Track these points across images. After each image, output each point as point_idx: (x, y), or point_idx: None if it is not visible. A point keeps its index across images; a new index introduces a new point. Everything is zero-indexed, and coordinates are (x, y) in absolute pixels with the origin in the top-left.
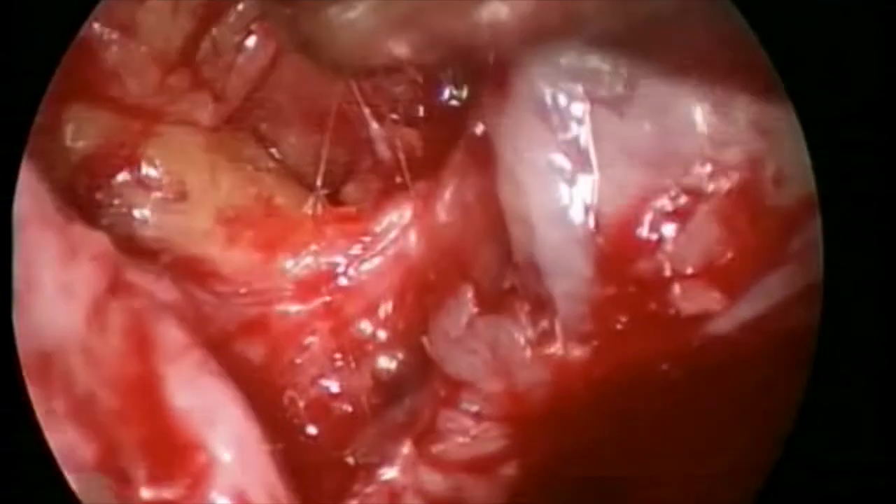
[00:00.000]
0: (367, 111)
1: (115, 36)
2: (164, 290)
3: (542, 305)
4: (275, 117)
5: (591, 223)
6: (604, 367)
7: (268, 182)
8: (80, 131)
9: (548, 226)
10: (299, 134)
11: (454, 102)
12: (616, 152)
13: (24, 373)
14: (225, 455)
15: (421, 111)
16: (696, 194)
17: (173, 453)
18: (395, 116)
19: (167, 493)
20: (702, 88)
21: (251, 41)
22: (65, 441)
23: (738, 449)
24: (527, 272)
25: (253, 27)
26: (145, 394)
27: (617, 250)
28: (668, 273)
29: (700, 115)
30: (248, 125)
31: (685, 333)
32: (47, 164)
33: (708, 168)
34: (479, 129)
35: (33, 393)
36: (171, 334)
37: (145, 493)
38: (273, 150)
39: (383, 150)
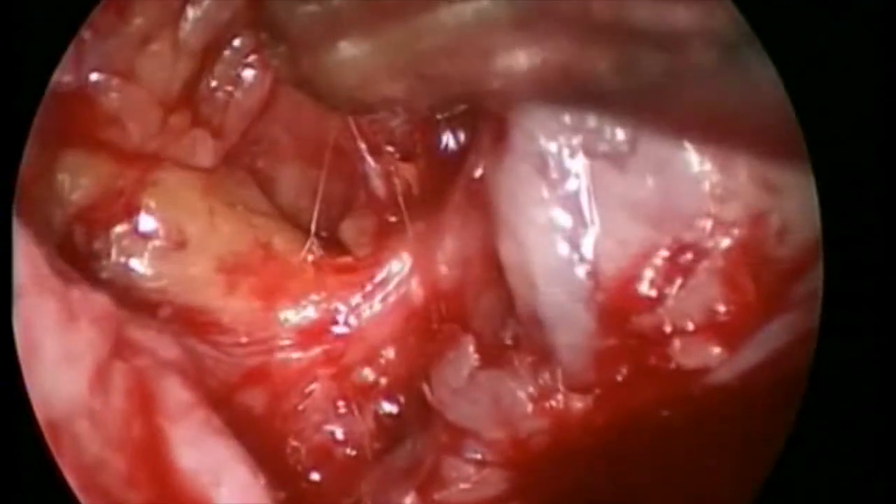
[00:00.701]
0: (363, 146)
1: (114, 82)
2: (166, 346)
3: (544, 358)
4: (271, 153)
5: (592, 280)
6: (604, 416)
7: (265, 226)
8: (76, 181)
9: (549, 283)
10: (296, 169)
11: (452, 145)
12: (616, 208)
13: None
14: None
15: (418, 149)
16: (697, 251)
17: None
18: (391, 149)
19: None
20: (704, 145)
21: (249, 74)
22: None
23: (732, 484)
24: (529, 325)
25: (251, 60)
26: (151, 455)
27: (618, 305)
28: (668, 329)
29: (701, 171)
30: (245, 163)
31: (685, 384)
32: (41, 219)
33: (709, 224)
34: (478, 173)
35: None
36: (174, 393)
37: None
38: (269, 191)
39: (378, 186)
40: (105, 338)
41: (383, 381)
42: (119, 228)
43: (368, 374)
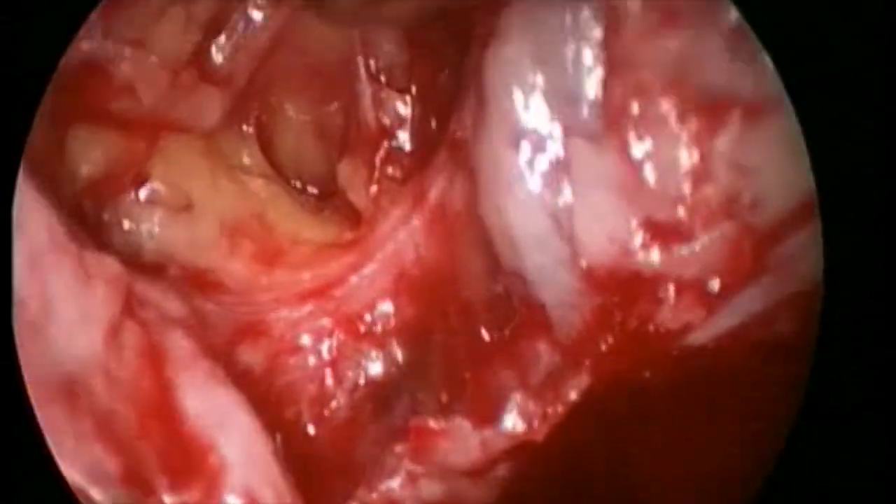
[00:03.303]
0: (361, 65)
1: (127, 52)
2: (172, 302)
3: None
4: (276, 92)
5: (572, 247)
6: (593, 382)
7: (262, 192)
8: (85, 155)
9: (531, 248)
10: (299, 108)
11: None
12: (594, 180)
13: (49, 397)
14: (234, 456)
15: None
16: (673, 223)
17: (189, 459)
18: (384, 78)
19: (187, 498)
20: (682, 121)
21: (258, 15)
22: (93, 458)
23: (727, 455)
24: (515, 281)
25: (260, 2)
26: (161, 404)
27: (600, 270)
28: (651, 293)
29: (680, 148)
30: (248, 113)
31: (665, 345)
32: (52, 189)
33: (685, 198)
34: (461, 129)
35: (60, 416)
36: (180, 346)
37: (168, 500)
38: (271, 142)
39: (369, 110)
40: (117, 298)
41: (378, 334)
42: (127, 199)
43: (364, 328)
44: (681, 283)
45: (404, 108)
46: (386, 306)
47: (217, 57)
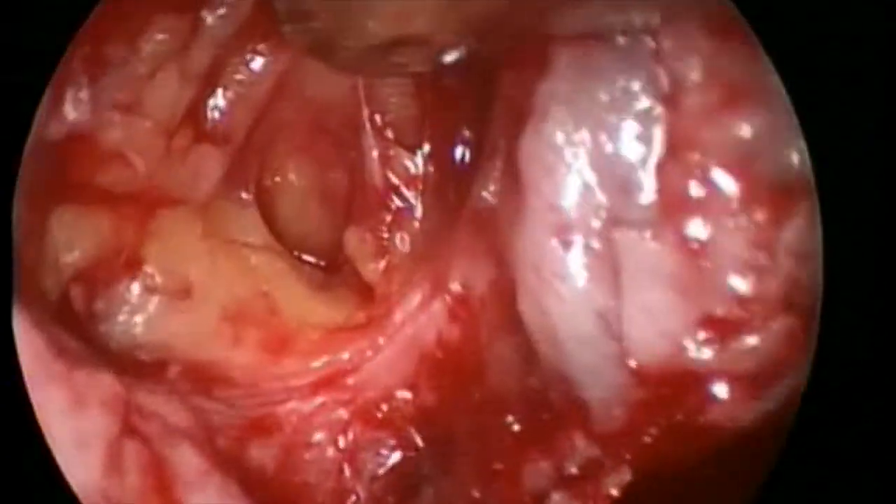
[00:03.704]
0: (366, 116)
1: (116, 117)
2: (175, 411)
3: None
4: (278, 150)
5: (622, 346)
6: (634, 473)
7: (265, 267)
8: (70, 241)
9: (576, 349)
10: (302, 167)
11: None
12: (647, 275)
13: None
14: None
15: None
16: (731, 318)
17: None
18: (390, 134)
19: None
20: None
21: (257, 63)
22: None
23: None
24: (555, 378)
25: (259, 48)
26: None
27: (649, 369)
28: (700, 388)
29: (743, 239)
30: (248, 176)
31: (712, 437)
32: (33, 285)
33: (746, 292)
34: (485, 203)
35: None
36: (188, 462)
37: None
38: (273, 208)
39: (375, 169)
40: (114, 418)
41: (397, 423)
42: (121, 286)
43: (381, 416)
44: (734, 378)
45: (415, 169)
46: (405, 393)
47: (213, 112)
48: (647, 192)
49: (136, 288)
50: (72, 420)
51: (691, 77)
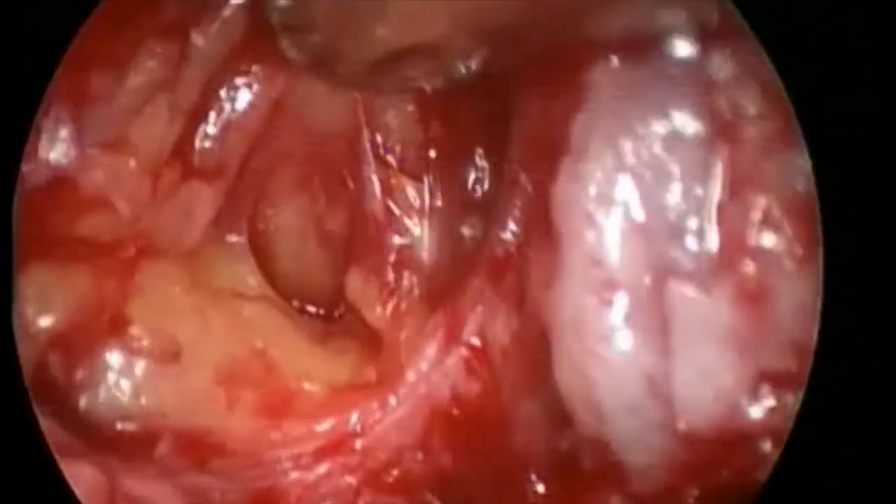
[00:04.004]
0: (367, 139)
1: (100, 156)
2: (168, 495)
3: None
4: (273, 181)
5: (671, 410)
6: None
7: (259, 320)
8: (47, 303)
9: (619, 415)
10: (298, 203)
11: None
12: (700, 332)
13: None
14: None
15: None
16: (791, 372)
17: None
18: (391, 159)
19: None
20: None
21: (250, 87)
22: None
23: None
24: (592, 444)
25: (253, 69)
26: None
27: (698, 432)
28: (749, 447)
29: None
30: (243, 210)
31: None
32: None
33: (808, 343)
34: (503, 245)
35: None
36: None
37: None
38: (268, 250)
39: (376, 199)
40: None
41: (410, 485)
42: (104, 351)
43: (392, 480)
44: (781, 433)
45: (421, 199)
46: (418, 454)
47: (204, 142)
48: (705, 239)
49: (120, 352)
50: None
51: (750, 105)
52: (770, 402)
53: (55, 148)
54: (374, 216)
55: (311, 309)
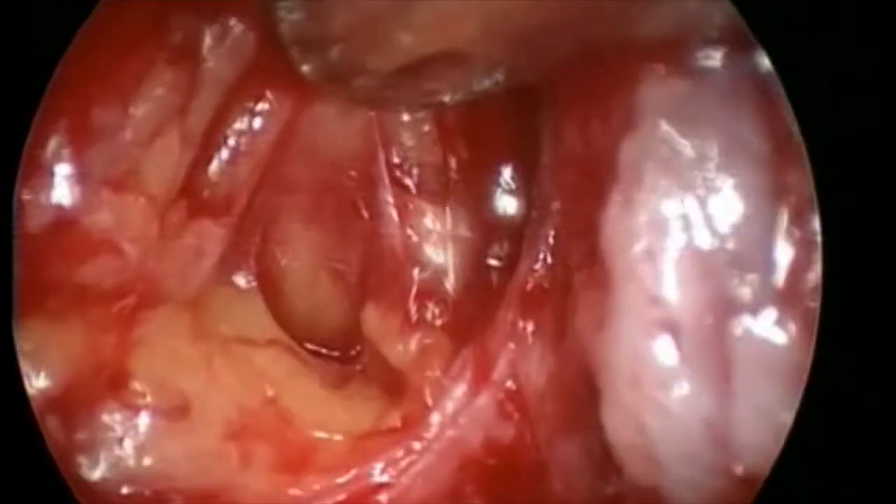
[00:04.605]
0: (383, 163)
1: (109, 197)
2: None
3: None
4: (283, 214)
5: (729, 456)
6: None
7: (270, 366)
8: (43, 361)
9: (674, 464)
10: (310, 238)
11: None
12: (762, 369)
13: None
14: None
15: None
16: None
17: None
18: (409, 182)
19: None
20: None
21: (261, 110)
22: None
23: None
24: (642, 491)
25: (265, 92)
26: None
27: (756, 473)
28: None
29: None
30: (251, 244)
31: None
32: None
33: None
34: (536, 282)
35: None
36: None
37: None
38: (278, 285)
39: (394, 228)
40: None
41: None
42: (106, 411)
43: None
44: None
45: (442, 226)
46: None
47: (213, 174)
48: (773, 268)
49: (121, 411)
50: None
51: None
52: None
53: (56, 186)
54: (391, 246)
55: (326, 351)
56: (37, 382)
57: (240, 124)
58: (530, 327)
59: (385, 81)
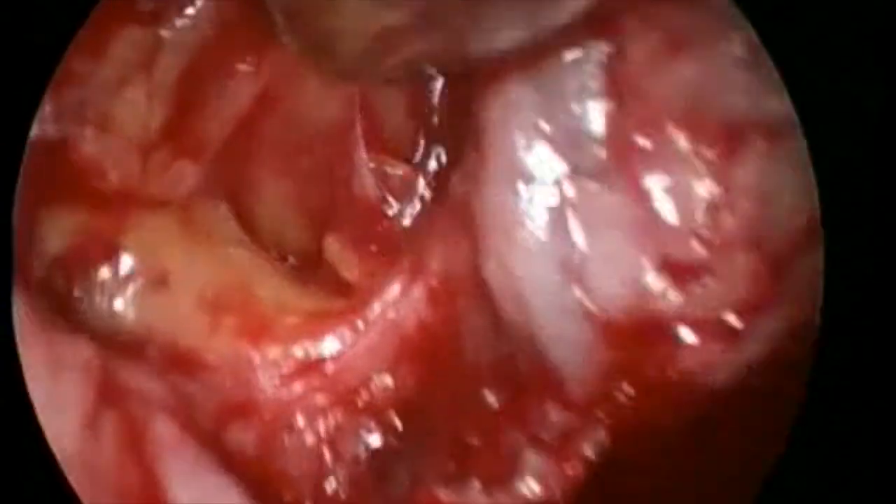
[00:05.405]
0: (360, 131)
1: (88, 132)
2: (153, 387)
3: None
4: (256, 160)
5: (583, 296)
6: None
7: (243, 261)
8: (53, 232)
9: (537, 301)
10: (282, 180)
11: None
12: (603, 222)
13: None
14: None
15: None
16: (690, 260)
17: None
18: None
19: None
20: (697, 153)
21: (238, 74)
22: None
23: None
24: (521, 339)
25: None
26: (148, 499)
27: (612, 319)
28: (671, 335)
29: (696, 181)
30: (225, 183)
31: (686, 388)
32: (25, 278)
33: (703, 233)
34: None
35: None
36: (164, 433)
37: None
38: (250, 214)
39: (368, 184)
40: (91, 384)
41: (377, 408)
42: (98, 272)
43: (360, 402)
44: (700, 322)
45: (410, 183)
46: (385, 378)
47: (190, 135)
48: (600, 142)
49: (112, 272)
50: (50, 385)
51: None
52: (676, 290)
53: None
54: (363, 196)
55: (291, 260)
56: (49, 249)
57: (216, 84)
58: (455, 228)
59: (357, 58)
